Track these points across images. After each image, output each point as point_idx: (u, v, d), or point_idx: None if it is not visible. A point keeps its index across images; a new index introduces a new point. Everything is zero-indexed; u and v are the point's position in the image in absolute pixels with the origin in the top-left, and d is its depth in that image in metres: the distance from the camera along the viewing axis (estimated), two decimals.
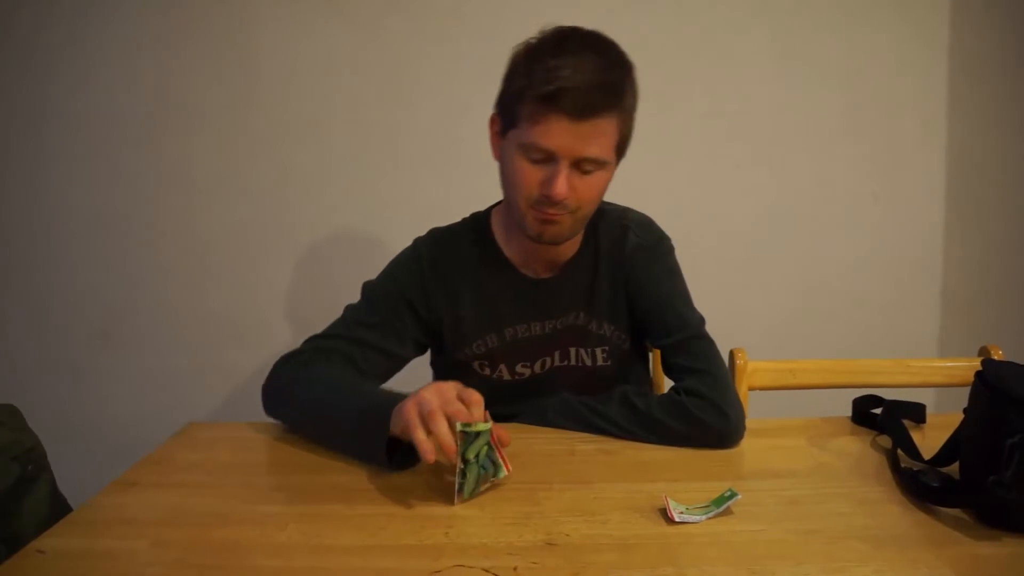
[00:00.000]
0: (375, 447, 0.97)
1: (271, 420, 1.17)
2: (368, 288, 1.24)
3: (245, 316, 2.12)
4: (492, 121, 1.14)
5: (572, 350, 1.22)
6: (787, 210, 2.11)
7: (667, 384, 1.21)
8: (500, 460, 0.93)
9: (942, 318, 2.16)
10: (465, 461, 0.89)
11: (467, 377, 1.23)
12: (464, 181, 1.75)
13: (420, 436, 0.89)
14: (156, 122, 2.05)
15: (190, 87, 2.04)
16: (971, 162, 2.10)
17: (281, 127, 2.06)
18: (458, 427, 0.89)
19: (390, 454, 0.97)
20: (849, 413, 1.19)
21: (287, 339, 2.06)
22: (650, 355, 1.42)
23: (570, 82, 1.00)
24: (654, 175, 1.96)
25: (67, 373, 2.17)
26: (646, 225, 1.26)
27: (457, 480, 0.90)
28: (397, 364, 1.22)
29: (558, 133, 1.02)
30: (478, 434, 0.90)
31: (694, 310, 1.19)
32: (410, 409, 0.91)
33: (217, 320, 2.14)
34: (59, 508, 1.21)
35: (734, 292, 2.08)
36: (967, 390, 0.94)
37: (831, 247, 2.12)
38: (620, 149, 1.10)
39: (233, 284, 2.13)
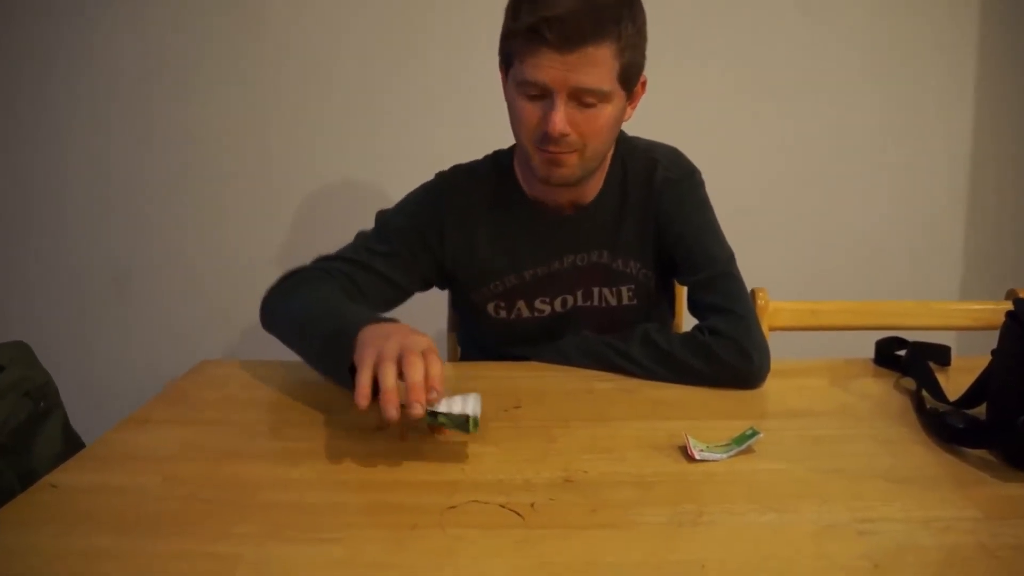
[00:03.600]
0: (339, 371, 0.94)
1: (285, 358, 1.16)
2: (382, 217, 1.21)
3: (259, 259, 2.11)
4: (500, 65, 1.12)
5: (595, 290, 1.20)
6: (810, 155, 2.06)
7: (689, 324, 1.18)
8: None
9: (964, 267, 2.12)
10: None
11: (483, 320, 1.21)
12: (480, 126, 1.71)
13: (362, 378, 0.83)
14: (170, 67, 2.03)
15: (200, 29, 2.01)
16: (1000, 107, 2.03)
17: (292, 71, 2.03)
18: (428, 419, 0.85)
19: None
20: (871, 355, 1.17)
21: None
22: (674, 294, 1.39)
23: (553, 11, 0.97)
24: (673, 121, 1.91)
25: (84, 317, 2.18)
26: (675, 158, 1.22)
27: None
28: (400, 296, 1.20)
29: (548, 65, 0.99)
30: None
31: (724, 246, 1.16)
32: (368, 348, 0.86)
33: (232, 263, 2.13)
34: (72, 445, 1.21)
35: (754, 238, 2.04)
36: (991, 334, 0.92)
37: (853, 193, 2.08)
38: (626, 81, 1.05)
39: (247, 227, 2.11)
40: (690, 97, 2.01)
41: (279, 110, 2.05)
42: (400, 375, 0.83)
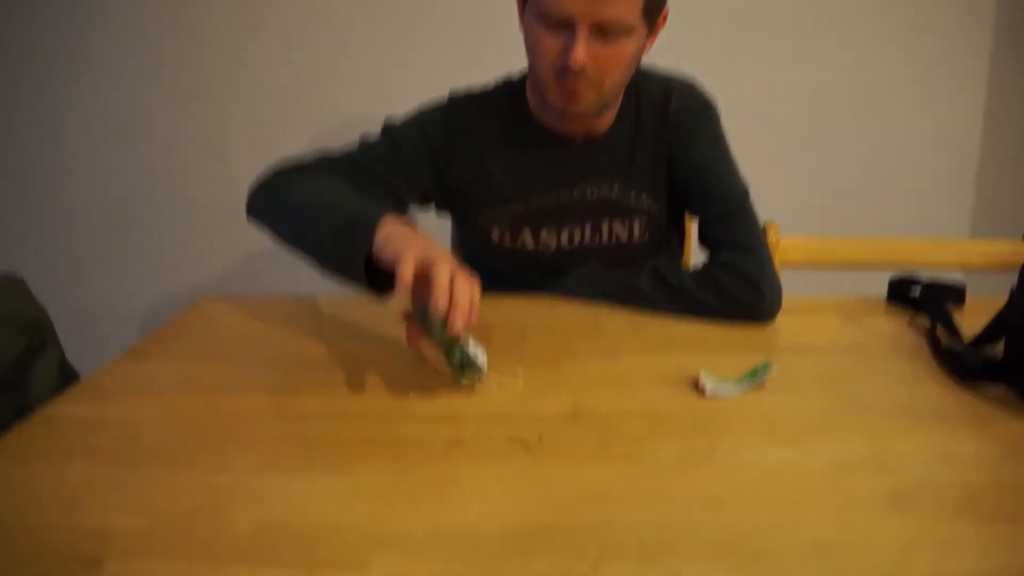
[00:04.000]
0: (350, 261, 0.88)
1: (286, 292, 1.13)
2: (389, 124, 1.16)
3: None
4: None
5: (605, 225, 1.16)
6: (822, 89, 2.01)
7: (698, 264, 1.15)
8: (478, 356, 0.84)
9: (974, 209, 2.09)
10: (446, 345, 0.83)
11: (486, 246, 1.18)
12: (491, 53, 1.66)
13: (408, 266, 0.78)
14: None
15: None
16: (1019, 44, 1.97)
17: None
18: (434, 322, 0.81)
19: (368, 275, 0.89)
20: (883, 294, 1.14)
21: None
22: (684, 232, 1.35)
23: None
24: (684, 52, 1.85)
25: (82, 252, 2.14)
26: (691, 89, 1.17)
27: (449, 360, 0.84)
28: (398, 206, 1.14)
29: None
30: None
31: (739, 180, 1.12)
32: (408, 244, 0.82)
33: (233, 199, 2.08)
34: (69, 381, 1.18)
35: (765, 175, 1.99)
36: (1004, 276, 0.89)
37: (865, 129, 2.03)
38: (649, 14, 1.01)
39: (250, 162, 2.06)
40: (702, 29, 1.95)
41: (281, 41, 1.99)
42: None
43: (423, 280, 0.80)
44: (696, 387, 0.82)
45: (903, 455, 0.70)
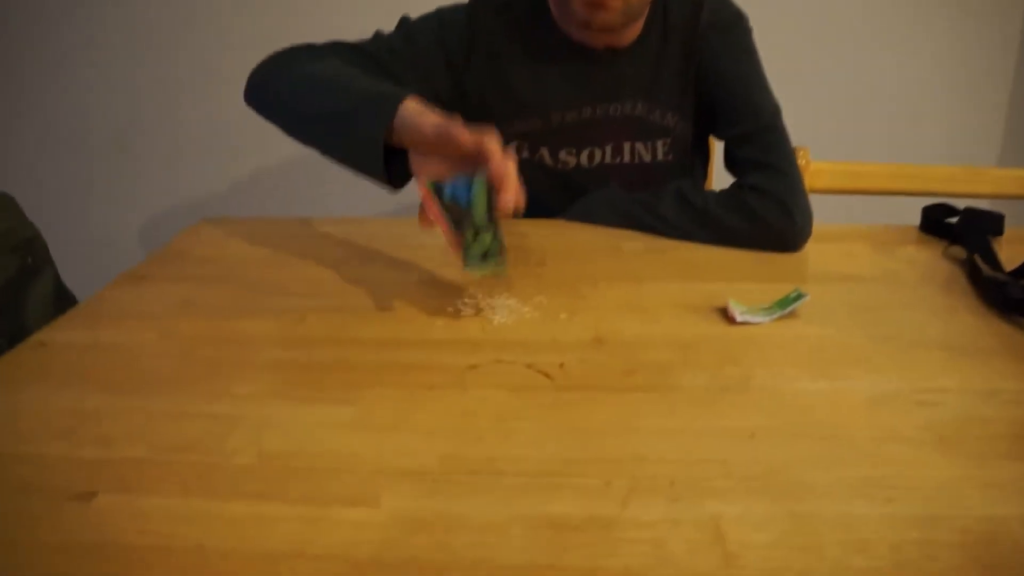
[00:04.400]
0: (367, 139, 0.81)
1: (291, 215, 1.08)
2: (406, 18, 1.08)
3: (260, 121, 1.99)
4: None
5: (627, 145, 1.09)
6: (855, 12, 1.91)
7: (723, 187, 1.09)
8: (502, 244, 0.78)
9: (1003, 140, 2.01)
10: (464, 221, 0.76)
11: None
12: None
13: (462, 129, 0.74)
14: None
15: None
16: None
17: None
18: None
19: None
20: (916, 223, 1.08)
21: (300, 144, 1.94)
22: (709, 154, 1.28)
23: None
24: None
25: (81, 177, 2.09)
26: (721, 1, 1.10)
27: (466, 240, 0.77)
28: None
29: None
30: (469, 186, 0.75)
31: (770, 98, 1.05)
32: (442, 114, 0.77)
33: (231, 126, 2.02)
34: (65, 304, 1.14)
35: (793, 96, 1.92)
36: None
37: (894, 52, 1.94)
38: None
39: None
40: None
41: None
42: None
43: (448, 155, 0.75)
44: (725, 316, 0.78)
45: (944, 390, 0.66)
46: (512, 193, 0.73)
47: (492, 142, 0.73)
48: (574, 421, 0.61)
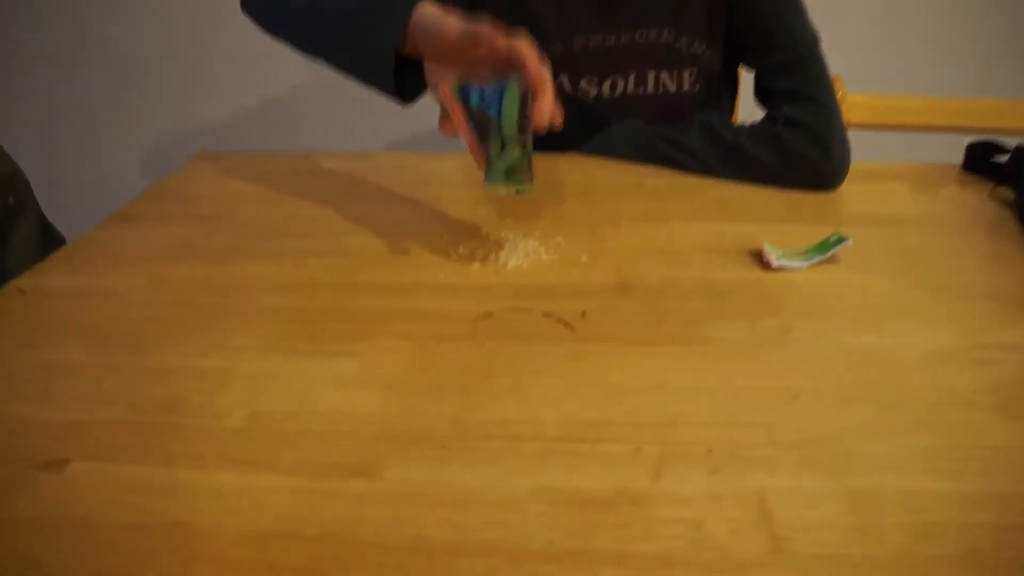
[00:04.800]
0: (377, 43, 0.72)
1: (291, 150, 1.00)
2: None
3: (260, 51, 1.89)
4: None
5: (651, 74, 1.01)
6: None
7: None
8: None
9: None
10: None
11: None
12: None
13: (483, 26, 0.65)
14: None
15: None
16: None
17: None
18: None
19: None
20: (958, 161, 1.00)
21: (305, 73, 1.84)
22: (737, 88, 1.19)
23: None
24: None
25: (82, 118, 2.00)
26: None
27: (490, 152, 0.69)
28: None
29: None
30: (500, 93, 0.67)
31: (807, 24, 0.95)
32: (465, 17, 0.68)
33: (231, 58, 1.92)
34: (52, 247, 1.08)
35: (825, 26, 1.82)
36: None
37: None
38: None
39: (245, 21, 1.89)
40: None
41: None
42: None
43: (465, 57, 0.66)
44: (759, 260, 0.71)
45: (1006, 347, 0.59)
46: (549, 102, 0.65)
47: (527, 46, 0.65)
48: (598, 377, 0.55)
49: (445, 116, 0.68)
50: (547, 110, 0.64)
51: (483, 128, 0.67)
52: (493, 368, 0.56)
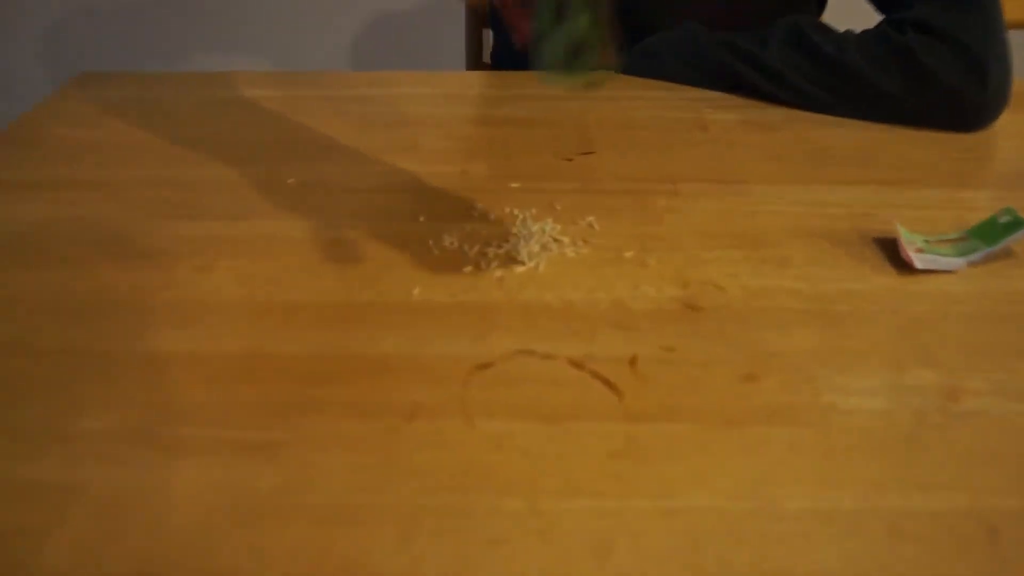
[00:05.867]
0: None
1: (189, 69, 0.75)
2: None
3: None
4: None
5: None
6: None
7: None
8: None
9: None
10: None
11: None
12: None
13: None
14: None
15: None
16: None
17: None
18: None
19: None
20: None
21: None
22: None
23: None
24: None
25: None
26: None
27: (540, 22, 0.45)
28: None
29: None
30: None
31: None
32: None
33: None
34: None
35: None
36: None
37: None
38: None
39: None
40: None
41: None
42: None
43: None
44: (893, 253, 0.48)
45: None
46: None
47: None
48: (666, 495, 0.32)
49: None
50: None
51: None
52: (492, 478, 0.33)
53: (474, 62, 1.03)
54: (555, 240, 0.49)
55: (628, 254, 0.48)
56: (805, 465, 0.34)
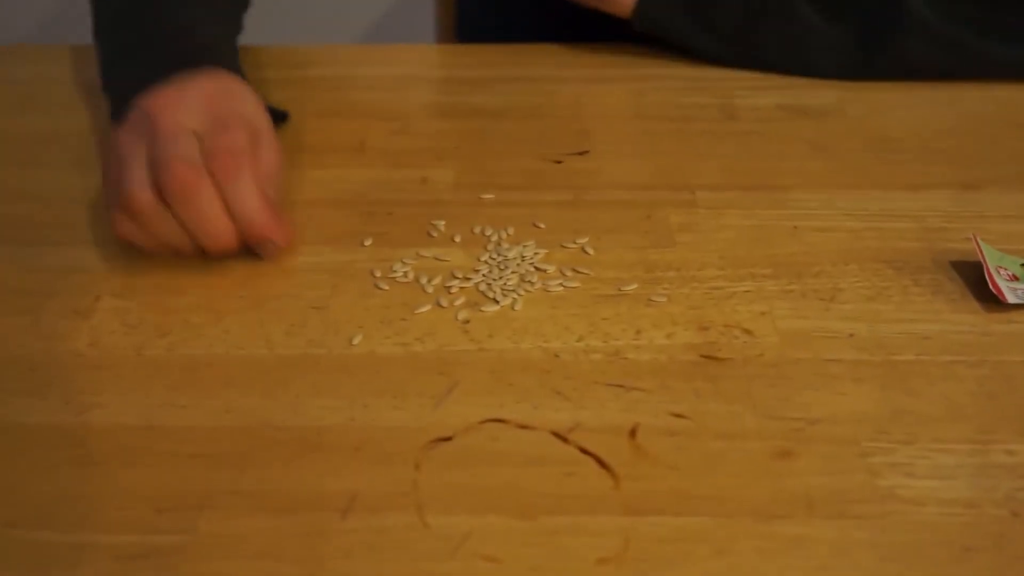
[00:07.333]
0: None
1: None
2: None
3: None
4: None
5: None
6: None
7: None
8: None
9: None
10: None
11: None
12: None
13: (133, 184, 0.47)
14: None
15: None
16: None
17: None
18: None
19: None
20: None
21: None
22: None
23: None
24: None
25: None
26: None
27: None
28: None
29: None
30: None
31: None
32: (157, 118, 0.48)
33: None
34: None
35: None
36: None
37: None
38: None
39: None
40: None
41: None
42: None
43: None
44: (975, 281, 0.47)
45: None
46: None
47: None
48: None
49: None
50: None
51: None
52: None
53: (447, 33, 1.02)
54: (537, 270, 0.49)
55: (630, 288, 0.48)
56: (856, 574, 0.33)
